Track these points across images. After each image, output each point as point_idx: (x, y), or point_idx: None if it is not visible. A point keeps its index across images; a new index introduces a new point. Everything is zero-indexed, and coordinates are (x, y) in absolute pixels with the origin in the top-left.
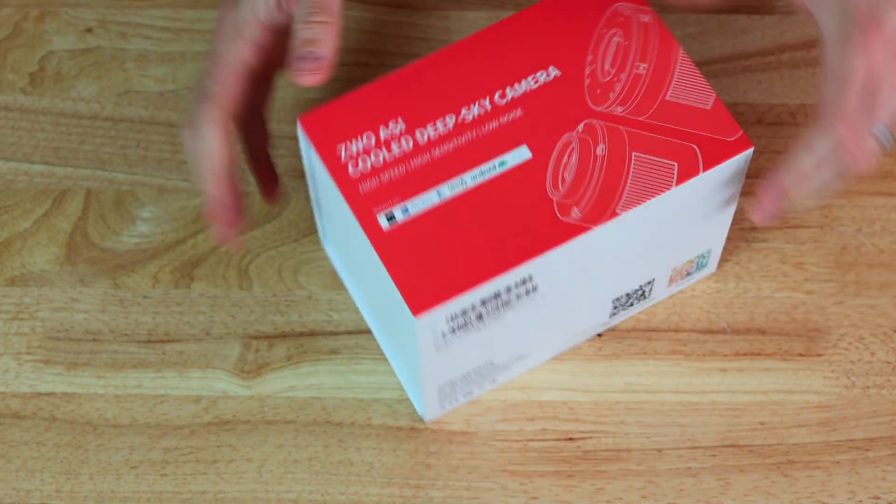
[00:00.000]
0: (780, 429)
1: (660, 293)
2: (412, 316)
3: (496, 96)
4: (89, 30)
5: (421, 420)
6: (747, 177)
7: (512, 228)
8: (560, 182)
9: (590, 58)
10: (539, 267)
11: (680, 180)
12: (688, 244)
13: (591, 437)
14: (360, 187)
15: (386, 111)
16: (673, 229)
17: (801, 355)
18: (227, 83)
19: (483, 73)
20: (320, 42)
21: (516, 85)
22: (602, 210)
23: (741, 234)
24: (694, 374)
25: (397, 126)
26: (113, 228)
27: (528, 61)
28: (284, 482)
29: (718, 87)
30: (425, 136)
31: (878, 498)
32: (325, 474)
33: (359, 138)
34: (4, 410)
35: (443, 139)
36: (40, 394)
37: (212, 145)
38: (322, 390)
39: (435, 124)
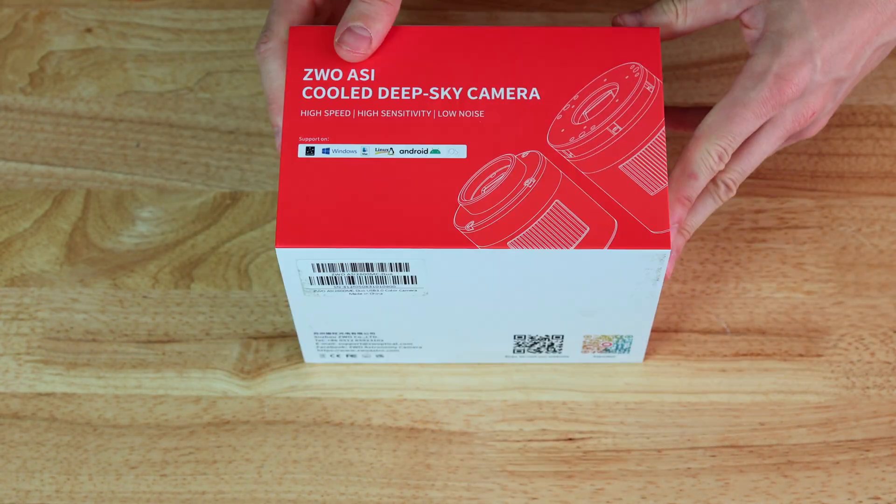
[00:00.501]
0: (780, 429)
1: (574, 354)
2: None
3: (469, 91)
4: (89, 30)
5: (421, 420)
6: (749, 177)
7: (409, 213)
8: (474, 193)
9: (575, 97)
10: (414, 259)
11: (582, 245)
12: (600, 318)
13: (590, 438)
14: (302, 111)
15: (367, 57)
16: (575, 293)
17: (800, 355)
18: (290, 18)
19: (472, 65)
20: (373, 20)
21: (493, 89)
22: (494, 236)
23: (741, 234)
24: (694, 374)
25: (368, 75)
26: (113, 229)
27: (518, 73)
28: (284, 482)
29: (718, 87)
30: (385, 95)
31: (878, 498)
32: (324, 474)
33: (328, 69)
34: (4, 410)
35: (398, 105)
36: (40, 394)
37: (275, 77)
38: (322, 390)
39: (400, 89)
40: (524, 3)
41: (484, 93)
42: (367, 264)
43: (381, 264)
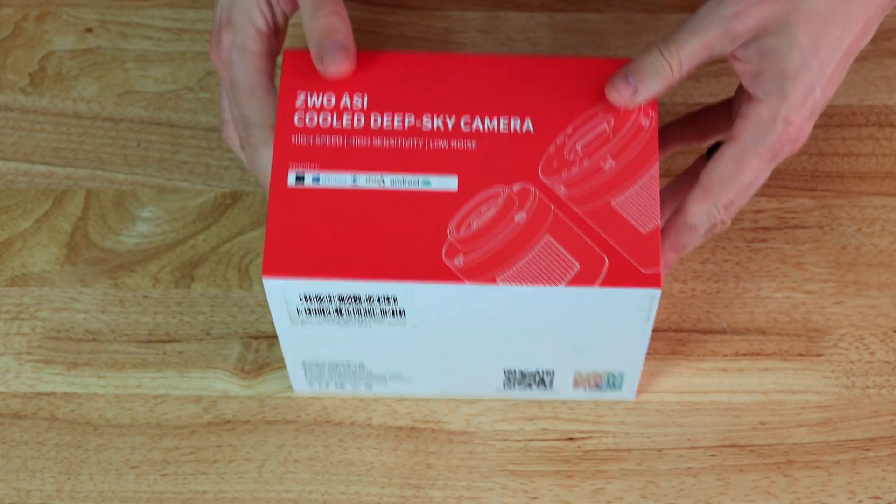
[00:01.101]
0: (780, 429)
1: (564, 391)
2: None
3: (462, 121)
4: (89, 30)
5: (421, 420)
6: None
7: (397, 246)
8: (464, 226)
9: (569, 130)
10: (402, 293)
11: (572, 282)
12: (591, 355)
13: (591, 437)
14: (294, 138)
15: (361, 82)
16: (565, 329)
17: (800, 355)
18: (266, 102)
19: (466, 94)
20: (336, 30)
21: (486, 119)
22: (483, 271)
23: (741, 233)
24: (694, 374)
25: (361, 101)
26: (113, 228)
27: (512, 104)
28: (284, 482)
29: (718, 87)
30: (378, 123)
31: (878, 498)
32: (325, 474)
33: (321, 94)
34: (5, 410)
35: (390, 133)
36: (40, 394)
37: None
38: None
39: (393, 116)
40: (524, 3)
41: (477, 123)
42: (354, 296)
43: (370, 297)
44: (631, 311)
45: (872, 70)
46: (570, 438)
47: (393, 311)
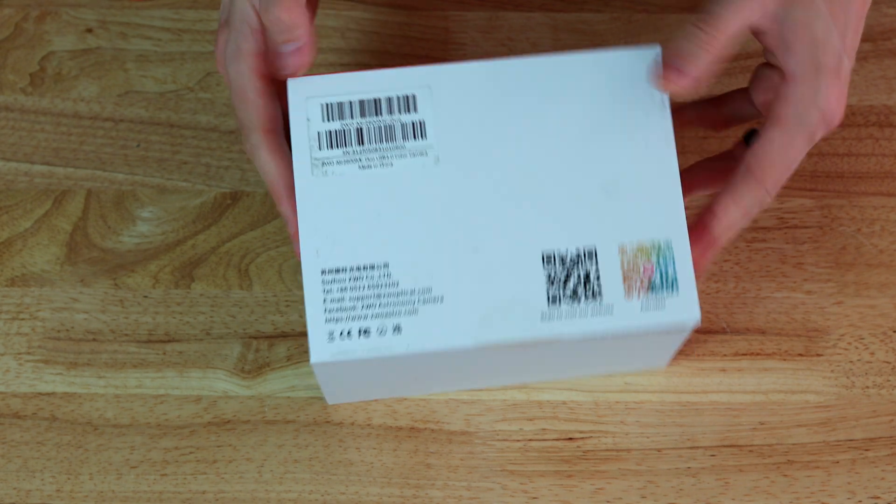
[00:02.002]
0: (780, 429)
1: (617, 302)
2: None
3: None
4: (90, 30)
5: (421, 420)
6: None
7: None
8: None
9: None
10: (420, 86)
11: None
12: (623, 199)
13: (590, 437)
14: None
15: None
16: (593, 155)
17: (800, 355)
18: (258, 104)
19: None
20: (291, 30)
21: None
22: None
23: (741, 233)
24: (694, 374)
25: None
26: (113, 228)
27: None
28: (284, 482)
29: (719, 88)
30: None
31: (878, 498)
32: (325, 474)
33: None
34: (5, 410)
35: None
36: (40, 394)
37: (269, 168)
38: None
39: None
40: (524, 3)
41: None
42: (375, 101)
43: (389, 100)
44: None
45: (872, 70)
46: (570, 438)
47: (414, 129)
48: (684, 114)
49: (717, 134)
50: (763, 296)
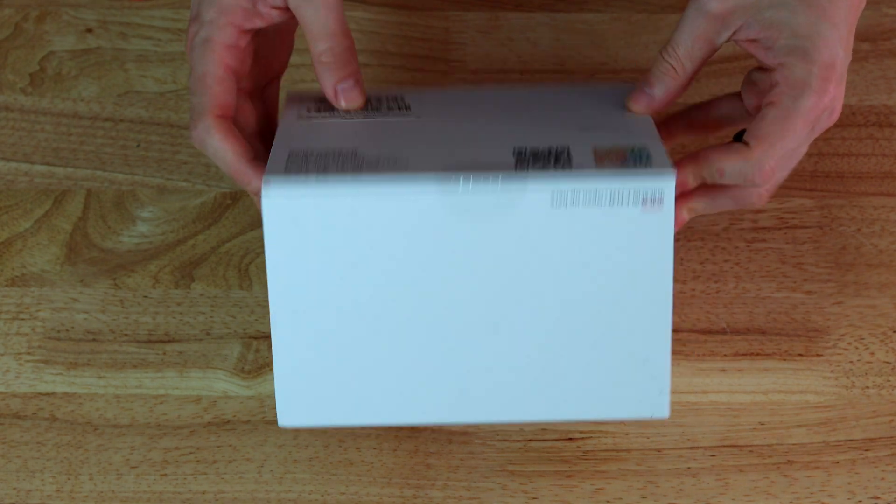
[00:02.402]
0: (780, 429)
1: (588, 168)
2: None
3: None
4: (89, 30)
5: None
6: None
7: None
8: None
9: None
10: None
11: None
12: (602, 131)
13: (590, 437)
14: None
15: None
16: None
17: (800, 355)
18: (215, 90)
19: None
20: (345, 69)
21: None
22: None
23: (741, 233)
24: (694, 374)
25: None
26: (113, 228)
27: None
28: (284, 482)
29: (718, 88)
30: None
31: (878, 498)
32: (325, 474)
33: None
34: (4, 410)
35: None
36: (40, 394)
37: (223, 153)
38: None
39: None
40: (524, 3)
41: None
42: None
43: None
44: None
45: (872, 70)
46: (570, 439)
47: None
48: (672, 125)
49: (707, 138)
50: (763, 296)
